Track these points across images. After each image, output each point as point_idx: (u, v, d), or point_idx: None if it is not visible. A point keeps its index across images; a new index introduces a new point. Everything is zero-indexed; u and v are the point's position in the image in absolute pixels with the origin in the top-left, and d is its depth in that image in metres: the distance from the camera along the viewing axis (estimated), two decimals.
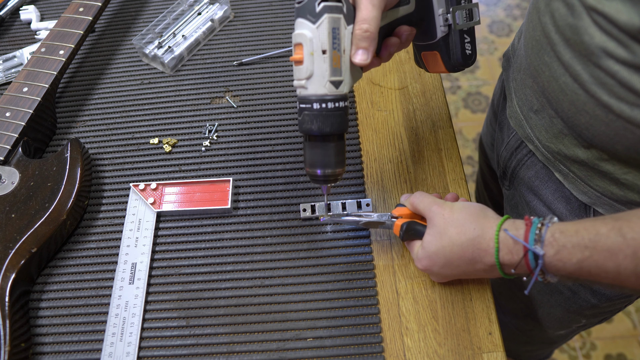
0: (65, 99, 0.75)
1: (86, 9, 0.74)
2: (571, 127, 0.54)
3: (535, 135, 0.61)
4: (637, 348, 1.40)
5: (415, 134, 0.69)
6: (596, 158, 0.54)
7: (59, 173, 0.62)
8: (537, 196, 0.65)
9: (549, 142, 0.59)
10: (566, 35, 0.48)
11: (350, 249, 0.60)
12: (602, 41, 0.44)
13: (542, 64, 0.53)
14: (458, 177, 0.66)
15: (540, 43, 0.53)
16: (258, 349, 0.55)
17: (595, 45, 0.45)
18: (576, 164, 0.57)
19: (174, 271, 0.60)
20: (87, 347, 0.56)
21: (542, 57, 0.53)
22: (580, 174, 0.57)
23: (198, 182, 0.65)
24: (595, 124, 0.50)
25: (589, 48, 0.46)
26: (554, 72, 0.51)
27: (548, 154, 0.60)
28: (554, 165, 0.60)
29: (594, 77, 0.47)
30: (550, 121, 0.57)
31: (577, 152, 0.55)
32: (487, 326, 0.56)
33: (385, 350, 0.55)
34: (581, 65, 0.47)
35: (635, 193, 0.53)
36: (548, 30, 0.51)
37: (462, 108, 1.84)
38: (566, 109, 0.52)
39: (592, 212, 0.59)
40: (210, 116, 0.72)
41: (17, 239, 0.57)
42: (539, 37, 0.53)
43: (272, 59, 0.77)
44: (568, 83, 0.50)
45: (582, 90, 0.49)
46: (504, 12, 2.09)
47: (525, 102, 0.61)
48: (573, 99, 0.50)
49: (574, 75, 0.49)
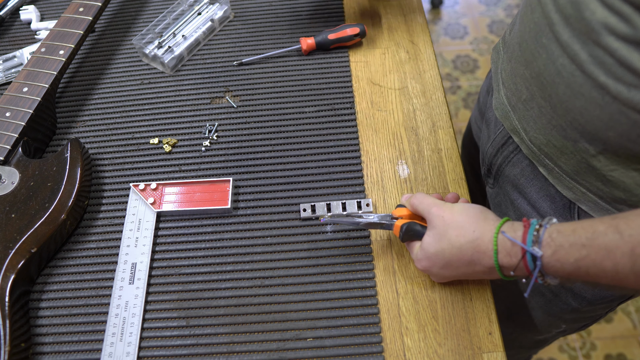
0: (65, 99, 0.75)
1: (86, 9, 0.74)
2: (562, 115, 0.53)
3: (522, 127, 0.60)
4: (637, 348, 1.40)
5: (415, 134, 0.69)
6: (584, 152, 0.53)
7: (59, 173, 0.62)
8: (521, 194, 0.65)
9: (537, 133, 0.58)
10: (566, 13, 0.48)
11: (350, 249, 0.60)
12: (603, 16, 0.44)
13: (539, 47, 0.53)
14: (458, 177, 0.66)
15: (538, 25, 0.52)
16: (258, 349, 0.55)
17: (596, 21, 0.44)
18: (563, 157, 0.56)
19: (174, 271, 0.60)
20: (87, 347, 0.56)
21: (539, 40, 0.53)
22: (567, 168, 0.57)
23: (198, 182, 0.65)
24: (590, 108, 0.49)
25: (589, 24, 0.45)
26: (551, 55, 0.51)
27: (534, 147, 0.60)
28: (539, 159, 0.60)
29: (592, 57, 0.46)
30: (539, 111, 0.56)
31: (564, 144, 0.55)
32: (487, 326, 0.56)
33: (385, 350, 0.55)
34: (580, 44, 0.47)
35: (621, 190, 0.53)
36: (548, 10, 0.50)
37: (462, 108, 1.84)
38: (561, 93, 0.52)
39: (577, 210, 0.58)
40: (210, 116, 0.72)
41: (17, 239, 0.57)
42: (537, 19, 0.53)
43: (272, 59, 0.77)
44: (565, 65, 0.49)
45: (579, 71, 0.48)
46: (504, 12, 2.09)
47: (515, 92, 0.60)
48: (569, 82, 0.50)
49: (572, 55, 0.48)
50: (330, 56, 0.77)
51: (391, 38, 0.79)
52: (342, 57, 0.77)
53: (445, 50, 2.00)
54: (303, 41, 0.76)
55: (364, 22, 0.80)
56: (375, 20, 0.81)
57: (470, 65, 1.95)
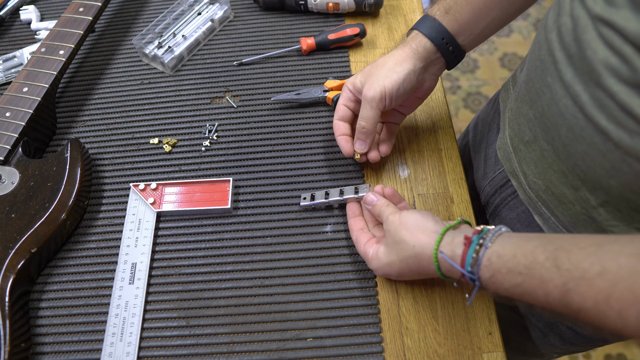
0: (65, 99, 0.75)
1: (86, 9, 0.74)
2: (565, 160, 0.52)
3: (522, 170, 0.60)
4: (637, 348, 1.40)
5: (415, 134, 0.69)
6: (585, 202, 0.52)
7: (59, 173, 0.62)
8: None
9: (536, 178, 0.57)
10: (570, 52, 0.47)
11: (350, 249, 0.60)
12: (605, 56, 0.43)
13: (543, 86, 0.52)
14: (458, 177, 0.66)
15: (544, 62, 0.52)
16: (258, 349, 0.55)
17: (598, 61, 0.43)
18: (561, 207, 0.55)
19: (174, 271, 0.60)
20: (87, 347, 0.56)
21: (544, 79, 0.52)
22: (564, 218, 0.56)
23: (198, 182, 0.65)
24: (592, 154, 0.48)
25: (590, 64, 0.44)
26: (554, 94, 0.50)
27: (532, 192, 0.59)
28: (535, 207, 0.59)
29: (594, 99, 0.45)
30: (540, 154, 0.55)
31: (564, 192, 0.54)
32: (487, 326, 0.56)
33: (385, 350, 0.55)
34: (582, 85, 0.46)
35: None
36: (553, 47, 0.50)
37: (462, 108, 1.84)
38: (563, 136, 0.50)
39: None
40: (210, 116, 0.72)
41: (17, 239, 0.57)
42: (543, 56, 0.52)
43: (272, 59, 0.77)
44: (568, 106, 0.48)
45: (581, 113, 0.47)
46: None
47: (518, 132, 0.59)
48: (572, 124, 0.49)
49: (574, 96, 0.47)
50: (330, 56, 0.77)
51: (391, 38, 0.79)
52: (342, 57, 0.77)
53: None
54: (303, 41, 0.76)
55: (364, 22, 0.80)
56: (375, 20, 0.81)
57: (470, 65, 1.95)
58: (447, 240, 0.49)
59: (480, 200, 0.75)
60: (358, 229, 0.59)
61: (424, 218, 0.52)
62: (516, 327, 0.75)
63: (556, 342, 0.70)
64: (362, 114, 0.59)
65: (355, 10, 0.80)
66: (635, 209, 0.48)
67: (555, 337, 0.69)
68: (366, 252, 0.56)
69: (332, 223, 0.62)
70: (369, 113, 0.59)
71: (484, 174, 0.72)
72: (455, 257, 0.47)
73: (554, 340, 0.70)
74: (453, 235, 0.49)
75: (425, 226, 0.51)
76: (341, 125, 0.62)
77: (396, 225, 0.52)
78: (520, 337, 0.76)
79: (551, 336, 0.70)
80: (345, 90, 0.62)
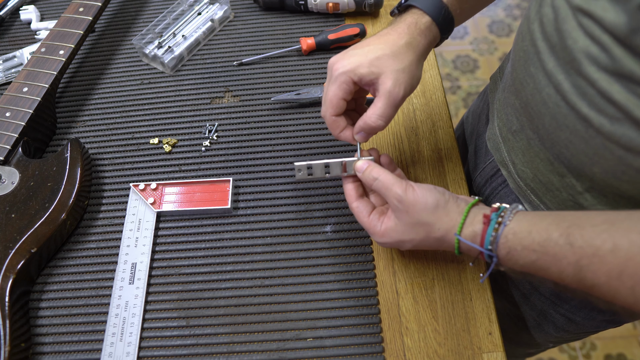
0: (65, 99, 0.75)
1: (86, 9, 0.74)
2: (550, 148, 0.53)
3: (511, 159, 0.60)
4: (637, 348, 1.40)
5: (415, 134, 0.69)
6: (571, 188, 0.53)
7: (59, 173, 0.62)
8: None
9: (524, 167, 0.58)
10: (552, 42, 0.48)
11: (350, 249, 0.60)
12: (585, 45, 0.44)
13: (527, 76, 0.53)
14: (458, 177, 0.66)
15: (527, 53, 0.52)
16: (258, 349, 0.55)
17: (578, 50, 0.44)
18: (549, 194, 0.56)
19: (174, 271, 0.60)
20: (87, 347, 0.56)
21: (527, 69, 0.52)
22: (552, 205, 0.56)
23: (198, 182, 0.65)
24: (575, 141, 0.49)
25: (571, 53, 0.45)
26: (538, 84, 0.51)
27: (520, 181, 0.59)
28: (524, 195, 0.60)
29: (575, 87, 0.46)
30: (527, 143, 0.56)
31: (551, 179, 0.55)
32: (487, 326, 0.56)
33: (385, 350, 0.55)
34: (564, 74, 0.47)
35: None
36: (535, 38, 0.50)
37: (462, 108, 1.84)
38: (547, 124, 0.51)
39: None
40: (210, 116, 0.72)
41: (17, 239, 0.57)
42: (526, 47, 0.52)
43: (272, 59, 0.77)
44: (551, 94, 0.49)
45: (563, 102, 0.48)
46: (504, 12, 2.09)
47: (506, 122, 0.60)
48: (554, 112, 0.49)
49: (556, 85, 0.48)
50: (330, 56, 0.77)
51: None
52: None
53: (445, 50, 2.00)
54: (303, 41, 0.76)
55: (364, 22, 0.80)
56: (375, 20, 0.81)
57: (470, 65, 1.95)
58: (467, 221, 0.49)
59: (471, 192, 0.75)
60: (358, 195, 0.55)
61: (443, 196, 0.50)
62: (511, 317, 0.76)
63: (550, 330, 0.71)
64: (380, 112, 0.51)
65: (355, 10, 0.80)
66: (619, 194, 0.49)
67: (549, 325, 0.70)
68: (372, 226, 0.53)
69: (332, 223, 0.62)
70: (391, 113, 0.52)
71: (475, 165, 0.73)
72: (476, 237, 0.47)
73: (547, 328, 0.71)
74: (473, 215, 0.49)
75: (447, 207, 0.50)
76: (340, 121, 0.54)
77: (417, 206, 0.49)
78: (515, 328, 0.77)
79: (545, 324, 0.71)
80: (345, 82, 0.52)
